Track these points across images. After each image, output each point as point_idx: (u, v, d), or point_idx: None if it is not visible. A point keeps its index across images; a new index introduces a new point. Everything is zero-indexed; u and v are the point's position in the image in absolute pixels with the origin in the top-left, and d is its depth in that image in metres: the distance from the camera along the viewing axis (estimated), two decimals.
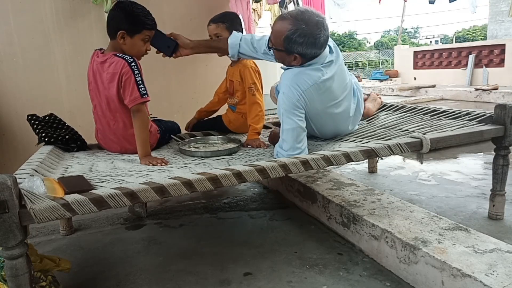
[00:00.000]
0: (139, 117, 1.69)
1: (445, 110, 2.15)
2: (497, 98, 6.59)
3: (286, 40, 1.58)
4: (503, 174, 1.83)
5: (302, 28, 1.55)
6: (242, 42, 1.88)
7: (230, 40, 1.90)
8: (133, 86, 1.67)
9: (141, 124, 1.69)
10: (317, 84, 1.62)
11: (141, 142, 1.68)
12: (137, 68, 1.69)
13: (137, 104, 1.67)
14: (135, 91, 1.67)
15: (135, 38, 1.74)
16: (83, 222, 2.17)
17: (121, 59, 1.69)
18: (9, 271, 1.05)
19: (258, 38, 1.88)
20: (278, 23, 1.62)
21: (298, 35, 1.55)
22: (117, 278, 1.57)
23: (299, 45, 1.58)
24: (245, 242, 1.82)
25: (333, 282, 1.45)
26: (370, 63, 22.44)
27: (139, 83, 1.68)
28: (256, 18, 5.50)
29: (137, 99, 1.67)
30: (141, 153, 1.67)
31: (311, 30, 1.55)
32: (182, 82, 3.15)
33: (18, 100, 2.68)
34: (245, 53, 1.90)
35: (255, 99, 2.06)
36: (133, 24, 1.73)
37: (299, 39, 1.56)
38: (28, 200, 1.04)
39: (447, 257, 1.28)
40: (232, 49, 1.89)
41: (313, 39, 1.57)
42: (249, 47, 1.87)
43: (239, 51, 1.90)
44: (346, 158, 1.48)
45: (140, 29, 1.74)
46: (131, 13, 1.72)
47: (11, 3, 2.59)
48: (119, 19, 1.73)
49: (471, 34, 32.90)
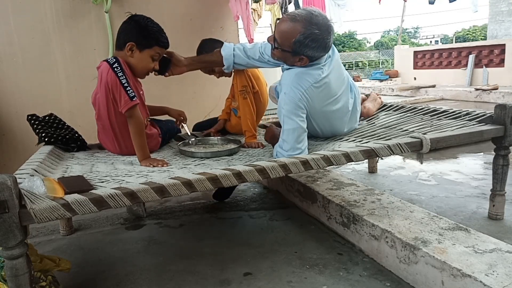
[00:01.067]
0: (134, 122, 1.66)
1: (445, 110, 2.15)
2: (497, 98, 6.59)
3: (297, 43, 1.56)
4: (503, 174, 1.83)
5: (315, 33, 1.53)
6: (236, 52, 1.86)
7: (224, 52, 1.87)
8: (121, 90, 1.63)
9: (136, 130, 1.66)
10: (317, 82, 1.63)
11: (138, 146, 1.65)
12: (120, 69, 1.63)
13: (129, 110, 1.63)
14: (124, 94, 1.63)
15: (144, 53, 1.71)
16: (83, 222, 2.17)
17: (105, 62, 1.66)
18: (9, 271, 1.05)
19: (250, 46, 1.87)
20: (288, 24, 1.57)
21: (311, 40, 1.54)
22: (117, 278, 1.57)
23: (309, 49, 1.56)
24: (245, 242, 1.82)
25: (333, 282, 1.45)
26: (370, 63, 22.43)
27: (125, 86, 1.63)
28: (256, 18, 5.50)
29: (128, 103, 1.62)
30: (140, 157, 1.64)
31: (323, 34, 1.54)
32: (182, 82, 3.15)
33: (18, 100, 2.68)
34: (240, 62, 1.88)
35: (247, 103, 2.03)
36: (145, 38, 1.69)
37: (311, 44, 1.55)
38: (28, 200, 1.04)
39: (447, 257, 1.28)
40: (227, 61, 1.87)
41: (324, 43, 1.56)
42: (243, 56, 1.85)
43: (234, 62, 1.88)
44: (346, 158, 1.48)
45: (152, 44, 1.71)
46: (145, 27, 1.68)
47: (11, 3, 2.59)
48: (131, 31, 1.69)
49: (471, 34, 32.90)
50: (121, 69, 1.64)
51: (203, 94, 3.30)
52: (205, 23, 3.28)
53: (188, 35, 3.09)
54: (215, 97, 3.37)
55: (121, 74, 1.63)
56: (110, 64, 1.64)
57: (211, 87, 3.32)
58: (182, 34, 3.06)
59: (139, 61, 1.72)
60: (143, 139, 1.67)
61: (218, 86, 3.36)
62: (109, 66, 1.64)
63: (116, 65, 1.64)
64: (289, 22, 1.57)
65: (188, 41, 3.01)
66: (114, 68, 1.63)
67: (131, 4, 2.80)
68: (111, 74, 1.63)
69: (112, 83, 1.63)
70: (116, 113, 1.72)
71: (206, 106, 3.33)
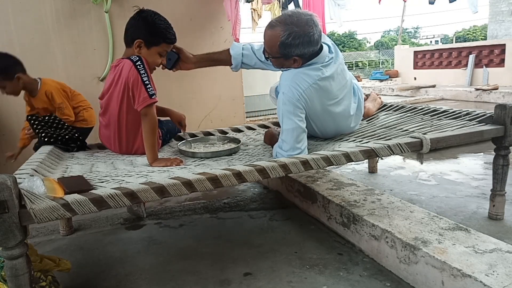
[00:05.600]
0: (148, 121, 1.65)
1: (445, 110, 2.15)
2: (497, 98, 6.58)
3: (282, 46, 1.58)
4: (503, 174, 1.83)
5: (294, 31, 1.55)
6: (245, 52, 1.87)
7: (233, 51, 1.89)
8: (141, 87, 1.63)
9: (150, 129, 1.65)
10: (316, 83, 1.62)
11: (149, 146, 1.64)
12: (143, 67, 1.65)
13: (145, 107, 1.63)
14: (143, 91, 1.63)
15: (151, 50, 1.71)
16: (83, 222, 2.17)
17: (127, 59, 1.67)
18: (9, 271, 1.05)
19: (257, 47, 1.87)
20: (269, 32, 1.62)
21: (292, 38, 1.56)
22: (117, 278, 1.57)
23: (295, 47, 1.58)
24: (245, 242, 1.82)
25: (333, 282, 1.45)
26: (370, 63, 22.44)
27: (146, 83, 1.64)
28: (256, 18, 5.49)
29: (146, 100, 1.63)
30: (150, 159, 1.63)
31: (303, 29, 1.56)
32: (182, 82, 3.15)
33: (18, 100, 2.68)
34: (248, 62, 1.89)
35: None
36: (152, 35, 1.69)
37: (294, 42, 1.56)
38: (28, 200, 1.04)
39: (447, 257, 1.28)
40: (235, 60, 1.89)
41: (307, 37, 1.57)
42: (252, 56, 1.86)
43: (242, 61, 1.89)
44: (346, 158, 1.48)
45: (159, 41, 1.70)
46: (152, 24, 1.68)
47: (11, 3, 2.59)
48: (139, 28, 1.68)
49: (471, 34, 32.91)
50: (144, 67, 1.66)
51: (203, 94, 3.30)
52: (205, 23, 3.28)
53: (188, 35, 3.10)
54: (215, 97, 3.37)
55: (144, 72, 1.65)
56: (133, 61, 1.65)
57: (211, 87, 3.32)
58: (182, 34, 3.06)
59: (147, 57, 1.72)
60: (155, 139, 1.67)
61: (218, 86, 3.37)
62: (132, 63, 1.65)
63: (139, 63, 1.65)
64: (268, 30, 1.62)
65: (188, 41, 3.01)
66: (137, 66, 1.64)
67: (131, 4, 2.80)
68: (134, 70, 1.64)
69: (133, 79, 1.64)
70: (128, 110, 1.72)
71: (206, 106, 3.33)
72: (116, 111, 1.74)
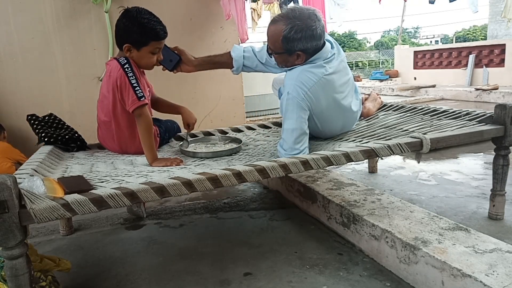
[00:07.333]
0: (142, 121, 1.65)
1: (445, 110, 2.15)
2: (497, 98, 6.58)
3: (285, 40, 1.58)
4: (503, 174, 1.83)
5: (297, 24, 1.55)
6: (246, 54, 1.87)
7: (234, 54, 1.88)
8: (129, 90, 1.62)
9: (145, 129, 1.65)
10: (321, 80, 1.63)
11: (147, 147, 1.63)
12: (130, 69, 1.63)
13: (137, 108, 1.63)
14: (132, 94, 1.62)
15: (142, 51, 1.67)
16: (83, 222, 2.17)
17: (115, 61, 1.66)
18: (9, 271, 1.05)
19: (258, 49, 1.87)
20: (272, 27, 1.62)
21: (295, 32, 1.56)
22: (117, 278, 1.57)
23: (298, 42, 1.58)
24: (245, 242, 1.82)
25: (333, 282, 1.45)
26: (370, 63, 22.45)
27: (134, 86, 1.62)
28: (256, 18, 5.49)
29: (135, 103, 1.62)
30: (150, 159, 1.62)
31: (305, 23, 1.56)
32: (182, 82, 3.15)
33: (18, 100, 2.68)
34: (250, 65, 1.89)
35: None
36: (140, 36, 1.64)
37: (296, 35, 1.56)
38: (28, 200, 1.04)
39: (447, 257, 1.28)
40: (237, 62, 1.88)
41: (310, 31, 1.57)
42: (254, 58, 1.86)
43: (243, 64, 1.89)
44: (346, 158, 1.48)
45: (148, 41, 1.65)
46: (137, 24, 1.61)
47: (11, 3, 2.59)
48: (125, 31, 1.65)
49: (471, 34, 32.91)
50: (131, 69, 1.64)
51: (203, 94, 3.30)
52: (205, 23, 3.28)
53: (188, 35, 3.10)
54: (215, 97, 3.37)
55: (131, 74, 1.63)
56: (121, 64, 1.64)
57: (211, 87, 3.32)
58: (182, 34, 3.06)
59: (140, 58, 1.70)
60: (151, 139, 1.66)
61: (218, 86, 3.37)
62: (119, 66, 1.64)
63: (127, 66, 1.64)
64: (271, 26, 1.63)
65: (188, 41, 3.01)
66: (125, 69, 1.63)
67: (131, 4, 2.80)
68: (121, 73, 1.63)
69: (121, 82, 1.63)
70: (122, 111, 1.72)
71: (206, 106, 3.34)
72: (110, 112, 1.74)
